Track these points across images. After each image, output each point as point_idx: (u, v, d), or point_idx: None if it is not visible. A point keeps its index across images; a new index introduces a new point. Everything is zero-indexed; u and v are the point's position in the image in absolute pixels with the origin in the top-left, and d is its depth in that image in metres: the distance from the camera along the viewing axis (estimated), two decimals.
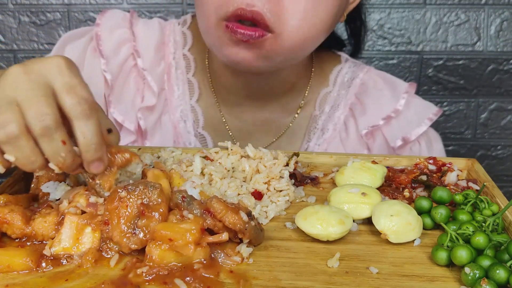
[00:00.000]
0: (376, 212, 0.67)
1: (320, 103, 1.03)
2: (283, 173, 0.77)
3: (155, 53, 1.01)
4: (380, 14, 1.58)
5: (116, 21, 1.01)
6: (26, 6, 1.59)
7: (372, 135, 1.01)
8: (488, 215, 0.68)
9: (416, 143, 1.01)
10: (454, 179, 0.79)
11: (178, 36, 1.03)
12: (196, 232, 0.59)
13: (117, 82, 0.99)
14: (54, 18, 1.60)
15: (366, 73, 1.05)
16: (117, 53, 0.99)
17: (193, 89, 1.02)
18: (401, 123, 1.00)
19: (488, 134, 1.69)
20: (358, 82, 1.04)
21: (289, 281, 0.58)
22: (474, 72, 1.62)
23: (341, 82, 1.04)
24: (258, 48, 0.82)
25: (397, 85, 1.03)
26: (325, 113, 1.02)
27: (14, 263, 0.59)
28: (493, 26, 1.58)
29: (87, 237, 0.62)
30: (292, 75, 0.99)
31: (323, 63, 1.06)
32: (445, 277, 0.60)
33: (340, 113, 1.02)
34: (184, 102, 1.01)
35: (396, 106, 1.00)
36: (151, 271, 0.57)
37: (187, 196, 0.63)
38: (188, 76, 1.02)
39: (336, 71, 1.05)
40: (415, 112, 1.01)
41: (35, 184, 0.73)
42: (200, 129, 1.01)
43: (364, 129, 0.99)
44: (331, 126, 1.02)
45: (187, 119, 1.01)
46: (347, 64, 1.06)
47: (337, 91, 1.03)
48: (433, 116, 1.00)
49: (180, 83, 1.01)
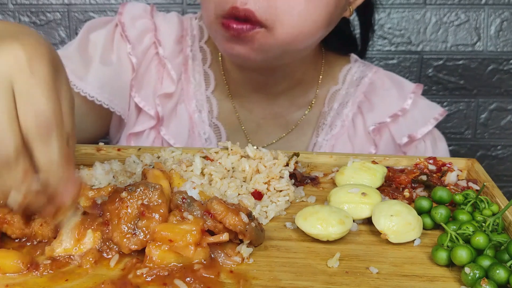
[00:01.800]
0: (376, 212, 0.67)
1: (329, 100, 1.06)
2: (283, 173, 0.77)
3: (175, 44, 1.05)
4: (380, 14, 1.58)
5: (138, 12, 1.05)
6: (26, 6, 1.59)
7: (379, 132, 1.04)
8: (488, 215, 0.68)
9: (422, 142, 1.04)
10: (454, 179, 0.79)
11: (195, 29, 1.07)
12: (196, 233, 0.59)
13: (140, 68, 1.03)
14: (54, 18, 1.60)
15: (375, 73, 1.08)
16: (140, 40, 1.03)
17: (209, 80, 1.05)
18: (407, 122, 1.04)
19: (488, 134, 1.69)
20: (366, 81, 1.07)
21: (289, 281, 0.58)
22: (474, 72, 1.62)
23: (350, 80, 1.07)
24: (250, 41, 0.86)
25: (405, 85, 1.07)
26: (333, 109, 1.05)
27: (4, 265, 0.58)
28: (493, 26, 1.58)
29: (87, 237, 0.62)
30: (298, 72, 1.03)
31: (332, 62, 1.09)
32: (445, 277, 0.60)
33: (348, 110, 1.05)
34: (200, 93, 1.05)
35: (403, 105, 1.04)
36: (151, 272, 0.57)
37: (188, 197, 0.63)
38: (205, 67, 1.06)
39: (345, 70, 1.08)
40: (421, 112, 1.05)
41: None
42: (214, 119, 1.05)
43: (372, 125, 1.03)
44: (339, 123, 1.04)
45: (203, 109, 1.04)
46: (357, 64, 1.09)
47: (346, 89, 1.07)
48: (438, 116, 1.04)
49: (196, 74, 1.05)
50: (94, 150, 0.86)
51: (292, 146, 1.06)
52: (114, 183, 0.75)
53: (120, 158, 0.84)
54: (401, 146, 1.02)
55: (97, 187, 0.72)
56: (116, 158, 0.83)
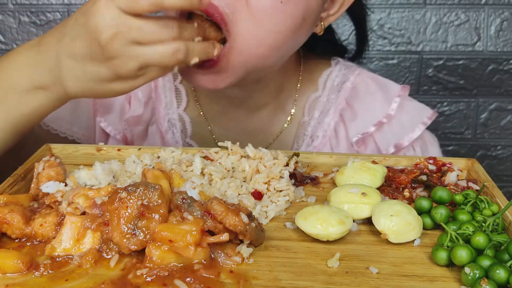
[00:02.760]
0: (376, 212, 0.67)
1: (309, 109, 1.00)
2: (283, 173, 0.77)
3: None
4: (380, 14, 1.58)
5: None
6: (26, 6, 1.59)
7: (364, 142, 0.98)
8: (488, 215, 0.68)
9: (411, 148, 0.98)
10: (454, 179, 0.79)
11: None
12: (196, 233, 0.59)
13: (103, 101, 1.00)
14: (54, 18, 1.60)
15: (358, 75, 1.02)
16: None
17: (181, 97, 1.01)
18: (393, 129, 0.98)
19: (488, 134, 1.69)
20: (348, 85, 1.00)
21: (289, 281, 0.58)
22: (474, 72, 1.62)
23: (330, 86, 1.01)
24: (211, 69, 0.80)
25: (390, 88, 1.00)
26: (314, 119, 0.99)
27: (4, 265, 0.58)
28: (493, 26, 1.58)
29: (87, 237, 0.62)
30: (275, 85, 0.97)
31: (312, 67, 1.03)
32: (445, 277, 0.60)
33: (330, 119, 0.99)
34: (172, 111, 1.00)
35: (388, 111, 0.97)
36: (151, 272, 0.57)
37: (188, 197, 0.63)
38: (176, 83, 1.01)
39: (325, 75, 1.02)
40: (408, 116, 0.98)
41: (35, 184, 0.73)
42: (188, 139, 1.00)
43: (355, 136, 0.97)
44: (321, 133, 0.99)
45: (175, 128, 1.00)
46: (337, 67, 1.03)
47: (327, 96, 1.00)
48: (427, 120, 0.98)
49: (167, 91, 1.01)
50: (94, 150, 0.86)
51: None
52: (114, 183, 0.75)
53: (120, 158, 0.84)
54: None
55: (97, 187, 0.72)
56: (116, 158, 0.83)
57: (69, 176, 0.75)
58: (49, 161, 0.75)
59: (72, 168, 0.80)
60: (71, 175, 0.76)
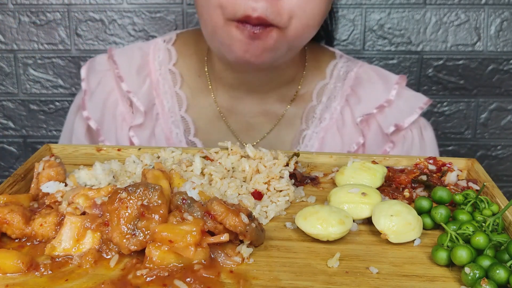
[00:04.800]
0: (376, 212, 0.67)
1: (318, 94, 1.10)
2: (283, 173, 0.77)
3: (137, 74, 1.08)
4: (380, 14, 1.58)
5: (98, 69, 1.09)
6: (26, 6, 1.58)
7: (367, 122, 1.08)
8: (488, 215, 0.68)
9: (409, 131, 1.08)
10: (454, 179, 0.79)
11: (162, 53, 1.11)
12: (196, 233, 0.59)
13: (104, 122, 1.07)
14: (54, 18, 1.60)
15: (360, 67, 1.13)
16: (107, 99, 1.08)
17: (181, 100, 1.09)
18: (393, 112, 1.08)
19: (488, 134, 1.69)
20: (352, 75, 1.11)
21: (289, 281, 0.58)
22: (474, 72, 1.62)
23: (337, 75, 1.12)
24: (266, 39, 0.89)
25: (389, 77, 1.11)
26: (322, 103, 1.10)
27: (5, 265, 0.58)
28: (493, 26, 1.58)
29: (87, 237, 0.62)
30: (290, 68, 1.07)
31: (318, 56, 1.14)
32: (445, 277, 0.60)
33: (336, 103, 1.09)
34: (174, 114, 1.08)
35: (388, 97, 1.08)
36: (151, 273, 0.57)
37: (188, 198, 0.63)
38: (176, 89, 1.09)
39: (332, 65, 1.13)
40: (406, 102, 1.09)
41: (35, 184, 0.73)
42: (191, 137, 1.08)
43: (359, 117, 1.07)
44: (328, 115, 1.09)
45: (178, 129, 1.08)
46: (342, 60, 1.14)
47: (334, 84, 1.11)
48: (423, 105, 1.08)
49: (168, 96, 1.09)
50: (94, 150, 0.86)
51: (282, 139, 1.09)
52: (114, 183, 0.75)
53: (120, 158, 0.84)
54: (388, 136, 1.06)
55: (97, 187, 0.72)
56: (116, 158, 0.83)
57: (69, 176, 0.75)
58: (49, 161, 0.75)
59: (72, 168, 0.80)
60: (71, 175, 0.76)
